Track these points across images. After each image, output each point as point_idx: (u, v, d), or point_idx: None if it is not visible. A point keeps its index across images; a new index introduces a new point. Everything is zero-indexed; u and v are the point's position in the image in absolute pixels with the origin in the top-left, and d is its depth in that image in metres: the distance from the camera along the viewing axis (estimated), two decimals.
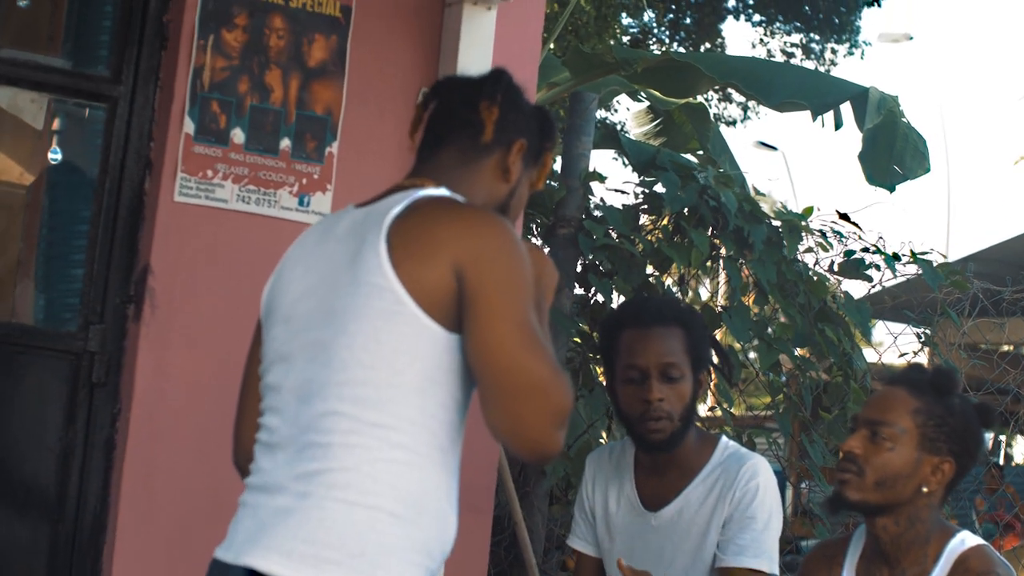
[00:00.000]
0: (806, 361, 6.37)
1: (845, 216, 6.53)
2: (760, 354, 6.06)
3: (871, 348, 7.27)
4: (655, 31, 16.61)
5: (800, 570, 3.66)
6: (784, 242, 6.21)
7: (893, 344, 6.73)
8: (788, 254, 6.21)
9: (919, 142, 7.41)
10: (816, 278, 6.39)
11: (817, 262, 6.52)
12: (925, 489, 3.41)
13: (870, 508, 3.42)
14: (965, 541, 3.45)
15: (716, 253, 6.18)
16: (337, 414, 2.55)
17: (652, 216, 6.21)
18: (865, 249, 6.53)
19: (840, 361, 6.31)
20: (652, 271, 6.16)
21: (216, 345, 4.71)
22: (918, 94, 78.92)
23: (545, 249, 6.08)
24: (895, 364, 7.09)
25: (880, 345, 7.00)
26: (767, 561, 3.83)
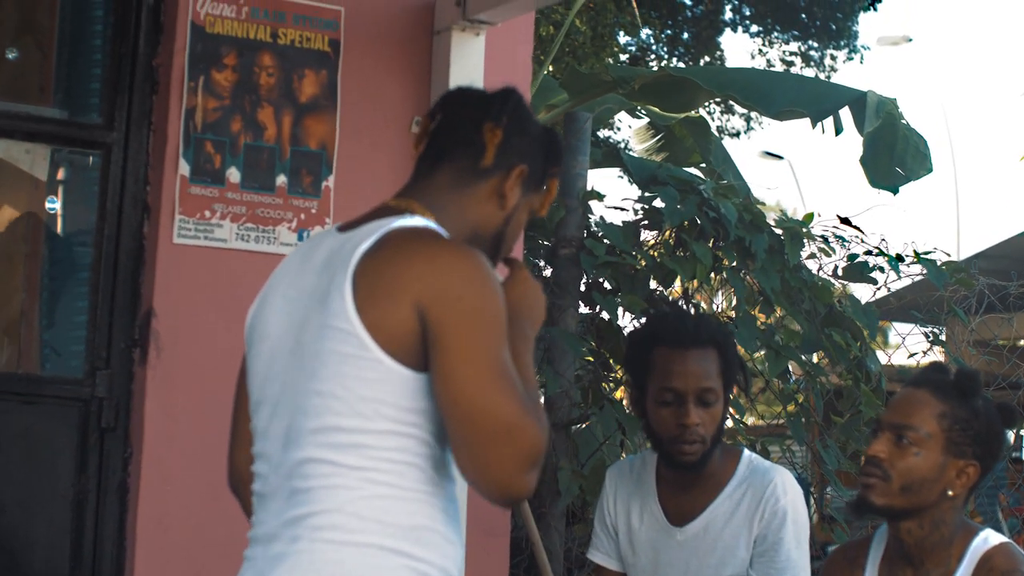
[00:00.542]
0: (815, 367, 6.36)
1: (846, 220, 6.53)
2: (769, 362, 6.05)
3: (882, 351, 7.26)
4: (653, 48, 16.63)
5: (822, 573, 3.63)
6: (786, 250, 6.21)
7: (903, 345, 6.73)
8: (791, 261, 6.20)
9: (920, 143, 7.41)
10: (820, 284, 6.38)
11: (821, 268, 6.53)
12: (950, 493, 3.38)
13: (895, 513, 3.39)
14: (988, 539, 3.42)
15: (719, 265, 6.18)
16: (316, 461, 2.50)
17: (653, 231, 6.22)
18: (868, 252, 6.52)
19: (850, 365, 6.30)
20: (656, 286, 6.16)
21: (223, 385, 4.57)
22: (920, 95, 78.98)
23: (547, 271, 6.10)
24: (906, 365, 7.08)
25: (890, 347, 6.99)
26: None
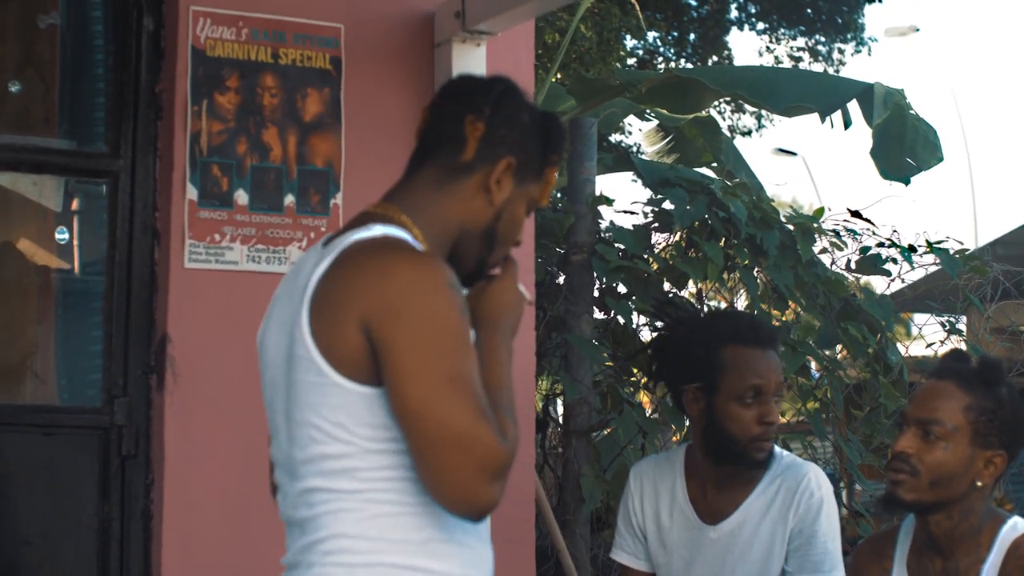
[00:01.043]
0: (833, 361, 6.35)
1: (857, 213, 6.52)
2: (785, 359, 6.03)
3: (902, 343, 7.24)
4: (661, 50, 16.61)
5: (850, 566, 3.62)
6: (798, 245, 6.20)
7: (920, 335, 6.71)
8: (803, 257, 6.19)
9: (929, 132, 7.37)
10: (834, 278, 6.37)
11: (834, 262, 6.52)
12: (979, 483, 3.37)
13: (925, 507, 3.38)
14: (1017, 526, 3.41)
15: (731, 263, 6.17)
16: (314, 490, 2.50)
17: (664, 233, 6.21)
18: (880, 244, 6.51)
19: (868, 358, 6.28)
20: (670, 288, 6.16)
21: (241, 407, 4.69)
22: (932, 83, 78.80)
23: (560, 278, 6.09)
24: (923, 356, 7.06)
25: (908, 339, 6.97)
26: (839, 572, 3.84)
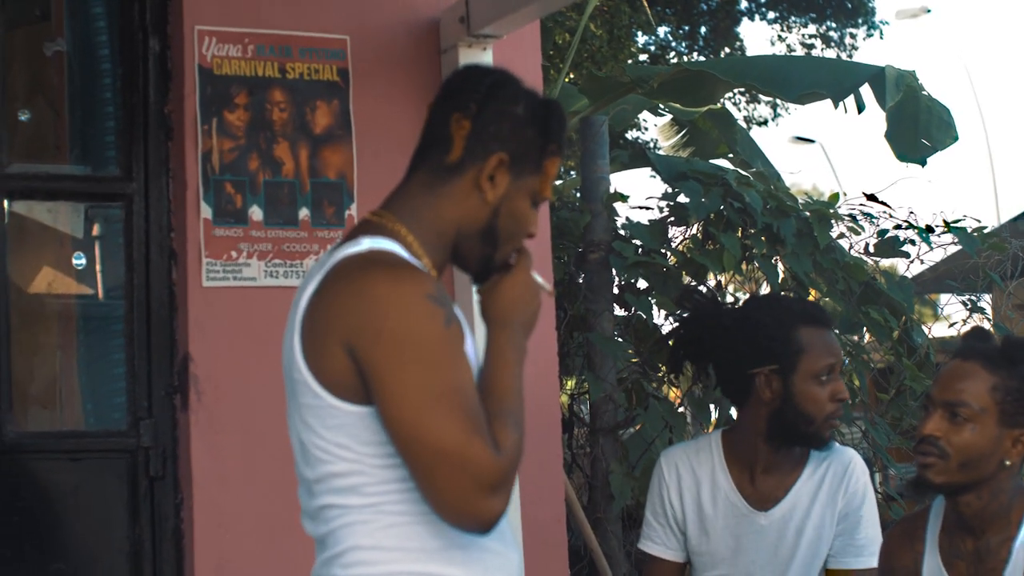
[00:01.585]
0: (858, 346, 6.34)
1: (872, 197, 6.50)
2: None
3: (926, 324, 7.22)
4: (672, 45, 16.60)
5: (882, 549, 3.61)
6: (815, 232, 6.18)
7: (941, 315, 6.69)
8: (820, 243, 6.18)
9: (943, 112, 7.35)
10: (853, 262, 6.36)
11: (852, 246, 6.50)
12: (1007, 462, 3.35)
13: (955, 488, 3.37)
14: None
15: (749, 254, 6.16)
16: (329, 507, 2.52)
17: (681, 227, 6.21)
18: (898, 226, 6.50)
19: (892, 341, 6.27)
20: (689, 281, 6.15)
21: (266, 422, 4.70)
22: (946, 64, 78.47)
23: (579, 278, 6.09)
24: (948, 336, 7.03)
25: (934, 319, 6.95)
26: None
